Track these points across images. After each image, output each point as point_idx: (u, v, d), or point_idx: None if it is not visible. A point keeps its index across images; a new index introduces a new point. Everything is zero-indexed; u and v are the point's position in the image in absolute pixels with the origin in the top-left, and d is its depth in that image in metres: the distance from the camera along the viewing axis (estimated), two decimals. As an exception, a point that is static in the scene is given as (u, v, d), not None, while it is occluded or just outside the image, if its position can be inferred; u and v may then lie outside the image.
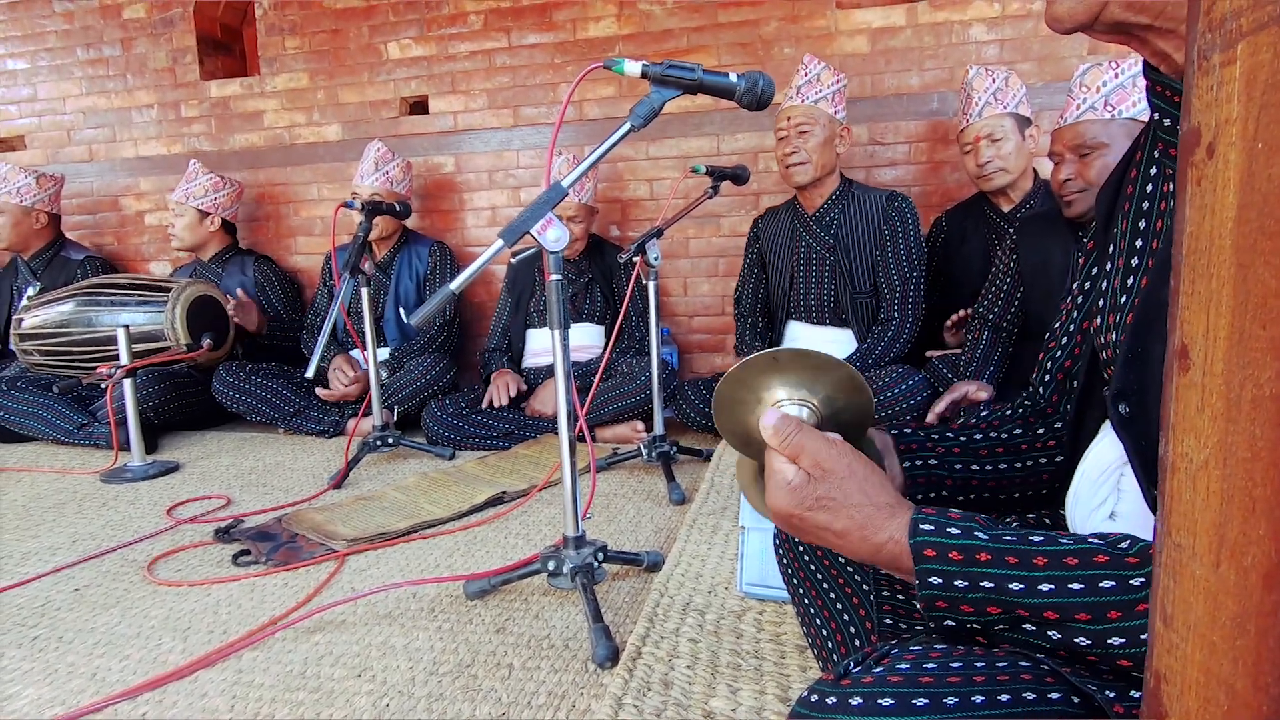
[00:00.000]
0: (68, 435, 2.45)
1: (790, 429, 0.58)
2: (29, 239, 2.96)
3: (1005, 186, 2.06)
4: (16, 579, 1.43)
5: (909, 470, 0.78)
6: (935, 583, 0.52)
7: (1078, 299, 0.82)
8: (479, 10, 2.83)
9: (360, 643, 1.15)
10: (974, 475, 0.80)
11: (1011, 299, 1.91)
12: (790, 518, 0.58)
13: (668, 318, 2.84)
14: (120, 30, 3.21)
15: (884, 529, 0.55)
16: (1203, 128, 0.28)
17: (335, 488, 1.94)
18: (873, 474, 0.58)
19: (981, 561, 0.52)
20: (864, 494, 0.56)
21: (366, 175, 2.62)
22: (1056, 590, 0.49)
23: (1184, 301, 0.29)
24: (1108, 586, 0.48)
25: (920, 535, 0.53)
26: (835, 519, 0.56)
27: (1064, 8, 0.58)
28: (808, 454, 0.57)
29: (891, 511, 0.56)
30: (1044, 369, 0.85)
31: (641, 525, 1.63)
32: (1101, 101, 1.53)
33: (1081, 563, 0.50)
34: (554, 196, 1.14)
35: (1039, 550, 0.51)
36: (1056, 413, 0.83)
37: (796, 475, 0.57)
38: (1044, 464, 0.82)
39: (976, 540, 0.53)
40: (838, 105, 2.14)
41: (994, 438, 0.82)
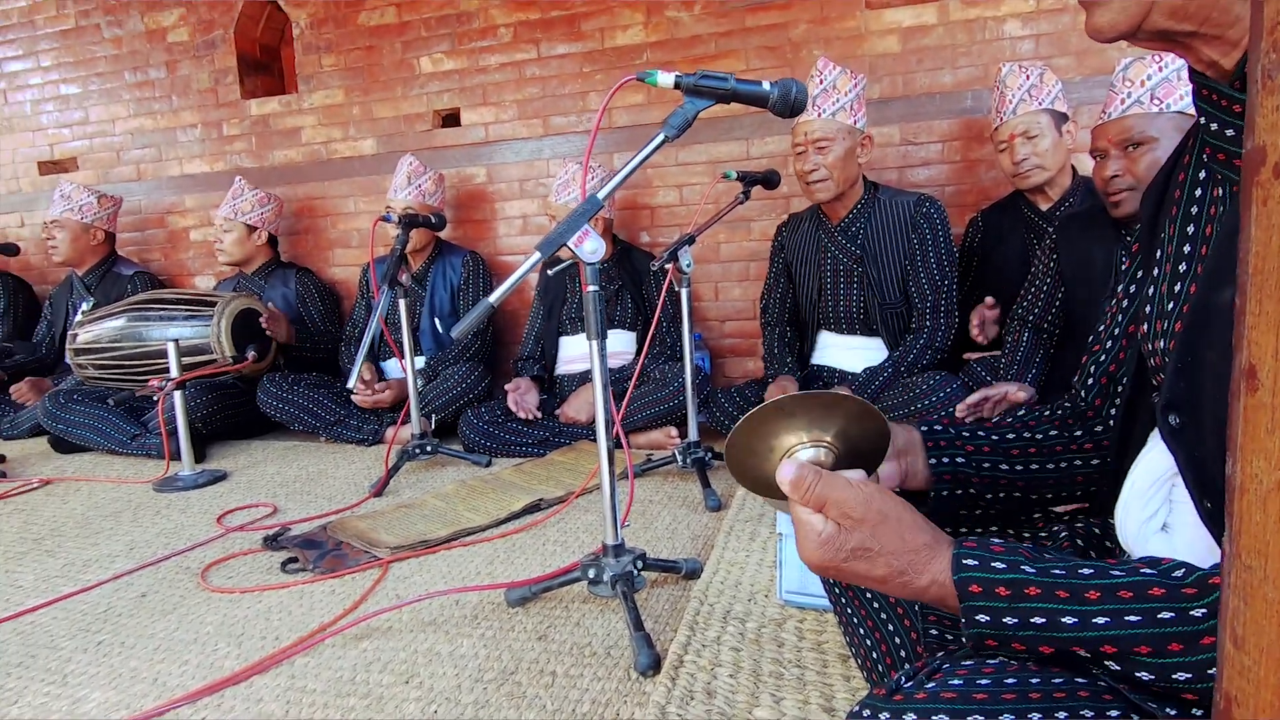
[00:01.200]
0: (121, 446, 2.54)
1: (809, 480, 0.56)
2: (85, 255, 3.09)
3: (1043, 184, 2.02)
4: (80, 585, 1.50)
5: (935, 467, 0.77)
6: (983, 620, 0.51)
7: (1122, 302, 0.80)
8: (509, 23, 2.87)
9: (407, 649, 1.18)
10: (1003, 475, 0.79)
11: (1052, 299, 1.88)
12: (826, 569, 0.57)
13: (699, 322, 2.84)
14: (165, 53, 3.33)
15: (925, 571, 0.54)
16: (1269, 147, 0.28)
17: (376, 495, 1.98)
18: (905, 513, 0.56)
19: (1031, 596, 0.50)
20: (899, 538, 0.55)
21: (400, 190, 2.67)
22: (1113, 623, 0.48)
23: (1250, 321, 0.29)
24: (1167, 618, 0.47)
25: (964, 571, 0.52)
26: (873, 567, 0.55)
27: (1105, 18, 0.58)
28: (833, 505, 0.56)
29: (931, 551, 0.55)
30: (1087, 372, 0.83)
31: (678, 532, 1.64)
32: (1148, 95, 1.50)
33: (1137, 595, 0.48)
34: (590, 209, 1.15)
35: (1091, 584, 0.50)
36: (1098, 417, 0.82)
37: (826, 526, 0.56)
38: (1079, 466, 0.80)
39: (1024, 574, 0.51)
40: (857, 113, 2.09)
41: (1026, 438, 0.81)
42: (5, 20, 3.55)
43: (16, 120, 3.62)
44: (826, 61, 2.10)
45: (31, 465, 2.52)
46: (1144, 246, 0.75)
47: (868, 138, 2.13)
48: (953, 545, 0.55)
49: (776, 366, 2.28)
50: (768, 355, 2.37)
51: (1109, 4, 0.57)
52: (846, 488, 0.56)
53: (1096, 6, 0.58)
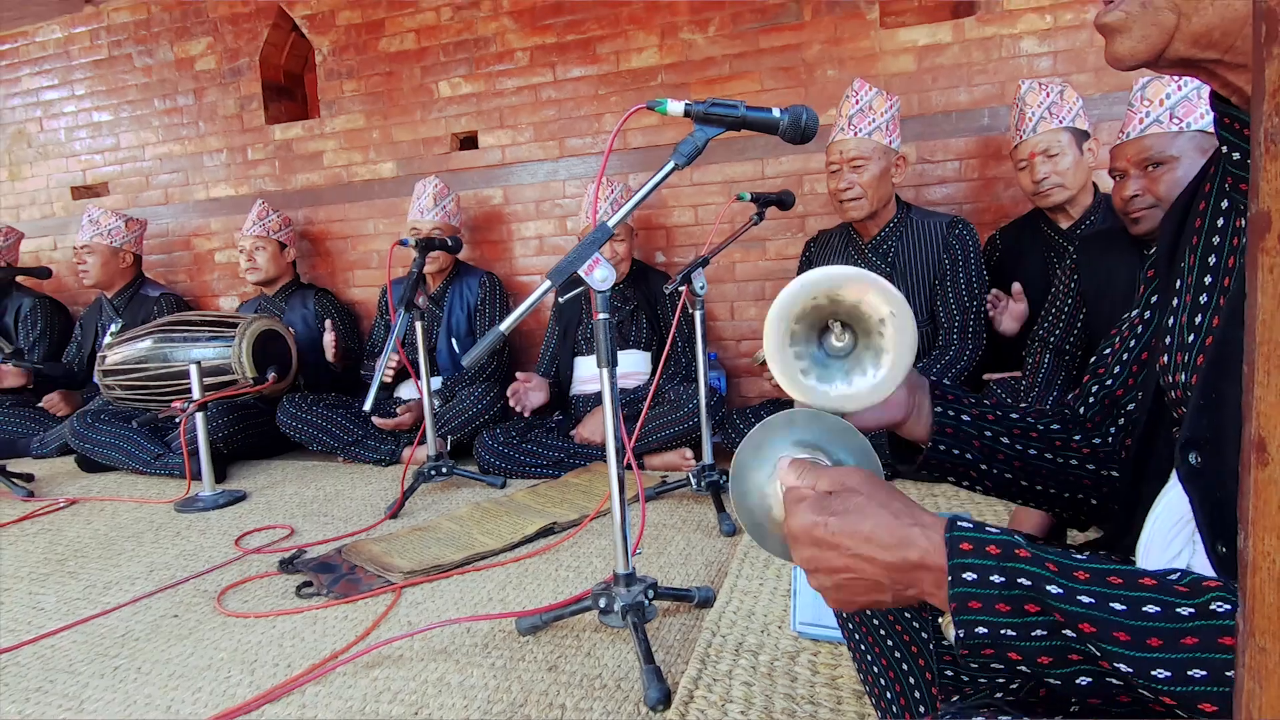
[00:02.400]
0: (145, 465, 2.59)
1: (806, 465, 0.58)
2: (115, 278, 3.16)
3: (1064, 203, 1.99)
4: (100, 608, 1.52)
5: (939, 416, 0.75)
6: (969, 579, 0.49)
7: (1136, 327, 0.78)
8: (525, 47, 2.91)
9: (417, 679, 1.17)
10: (1002, 448, 0.76)
11: (1074, 320, 1.84)
12: (812, 529, 0.54)
13: (714, 342, 2.83)
14: (193, 81, 3.43)
15: (915, 528, 0.52)
16: (1274, 213, 0.27)
17: (392, 517, 1.99)
18: (900, 494, 0.56)
19: (1020, 558, 0.49)
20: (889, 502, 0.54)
21: (426, 211, 2.71)
22: (1096, 605, 0.46)
23: (1259, 393, 0.28)
24: (1151, 611, 0.45)
25: (957, 530, 0.51)
26: (861, 521, 0.53)
27: (1124, 47, 0.56)
28: (826, 477, 0.56)
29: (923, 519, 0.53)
30: (1087, 391, 0.81)
31: (691, 558, 1.62)
32: (1166, 114, 1.47)
33: (1126, 583, 0.47)
34: (600, 237, 1.16)
35: (1081, 565, 0.48)
36: (1096, 430, 0.80)
37: (816, 493, 0.56)
38: (1074, 466, 0.78)
39: (1016, 540, 0.50)
40: (892, 134, 2.09)
41: (1029, 422, 0.79)
42: (42, 51, 3.68)
43: (51, 147, 3.74)
44: (862, 83, 2.12)
45: (59, 484, 2.57)
46: (1161, 274, 0.74)
47: (901, 158, 2.13)
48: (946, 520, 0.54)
49: None
50: None
51: (1129, 32, 0.56)
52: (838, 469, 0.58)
53: (1116, 34, 0.57)
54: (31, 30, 3.67)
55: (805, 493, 0.56)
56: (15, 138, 3.81)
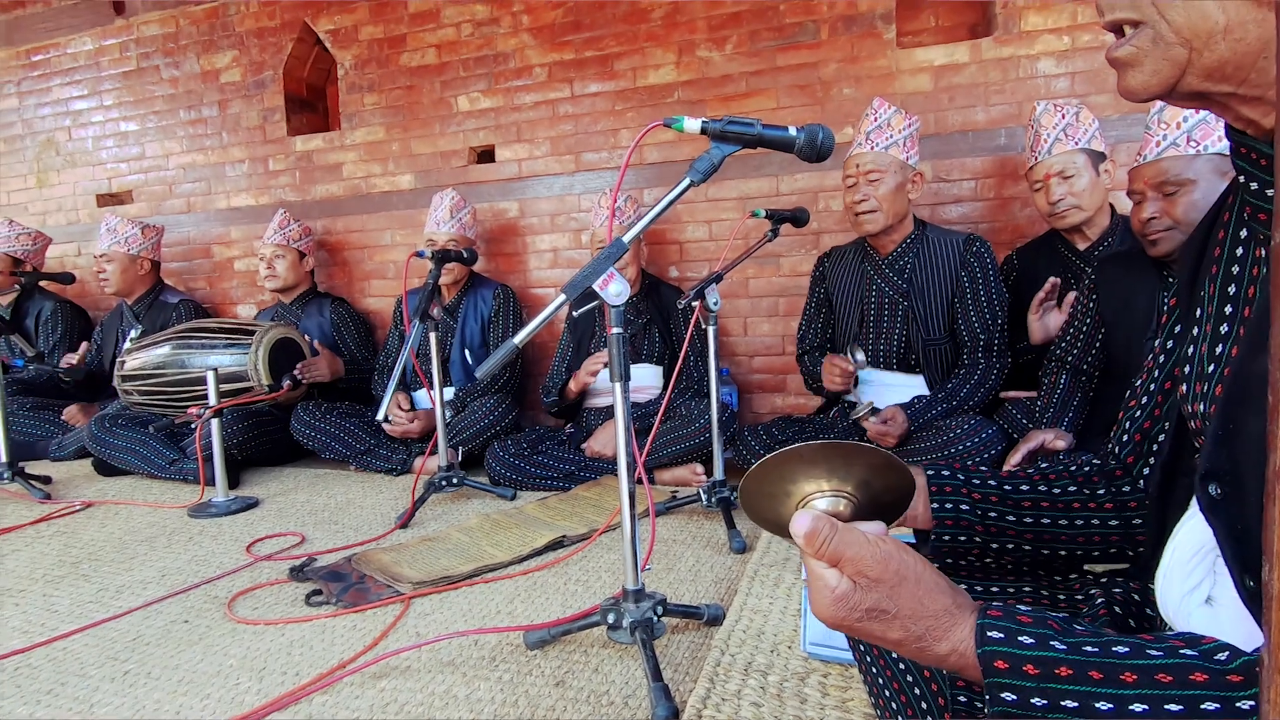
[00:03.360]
0: (160, 470, 2.61)
1: (824, 533, 0.53)
2: (134, 285, 3.21)
3: (1080, 224, 1.98)
4: (113, 611, 1.53)
5: (937, 512, 0.75)
6: (1009, 699, 0.48)
7: (1159, 356, 0.77)
8: (544, 63, 2.95)
9: (424, 690, 1.17)
10: (1010, 526, 0.76)
11: (1091, 341, 1.82)
12: (839, 627, 0.54)
13: (727, 357, 2.83)
14: (218, 93, 3.49)
15: (945, 639, 0.51)
16: (1297, 244, 0.27)
17: (402, 527, 1.99)
18: (925, 573, 0.53)
19: (1061, 677, 0.47)
20: (917, 601, 0.52)
21: (443, 223, 2.74)
22: (1152, 711, 0.44)
23: (1283, 425, 0.28)
24: (1211, 710, 0.43)
25: (989, 645, 0.49)
26: (889, 630, 0.52)
27: (1137, 80, 0.56)
28: (848, 562, 0.53)
29: (951, 618, 0.52)
30: (1123, 428, 0.81)
31: (701, 574, 1.61)
32: (1184, 137, 1.47)
33: (1177, 681, 0.45)
34: (615, 252, 1.16)
35: (1126, 665, 0.47)
36: (1127, 475, 0.79)
37: (841, 583, 0.53)
38: (1095, 525, 0.77)
39: (1054, 652, 0.48)
40: (909, 150, 2.10)
41: (1041, 491, 0.78)
42: (73, 62, 3.77)
43: (79, 155, 3.82)
44: (882, 101, 2.13)
45: (76, 487, 2.60)
46: (1182, 302, 0.73)
47: (918, 174, 2.13)
48: (976, 612, 0.52)
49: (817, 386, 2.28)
50: (810, 376, 2.34)
51: (1140, 66, 0.56)
52: (863, 544, 0.53)
53: (1128, 69, 0.57)
54: (64, 42, 3.77)
55: (830, 580, 0.53)
56: (44, 146, 3.89)
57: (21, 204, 3.96)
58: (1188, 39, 0.53)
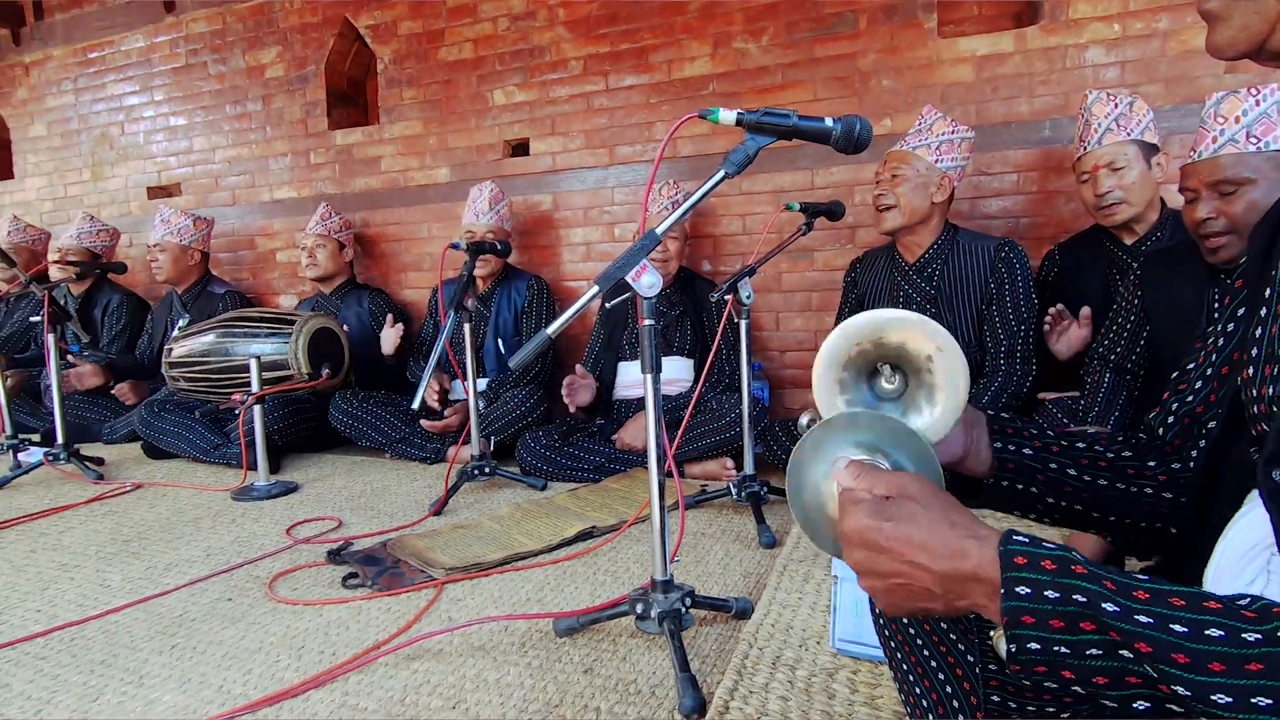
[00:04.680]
0: (205, 454, 2.70)
1: (864, 468, 0.57)
2: (184, 274, 3.32)
3: (1128, 220, 1.91)
4: (161, 588, 1.59)
5: (999, 452, 0.72)
6: (1023, 593, 0.47)
7: (1217, 341, 0.75)
8: (579, 56, 2.96)
9: (455, 673, 1.19)
10: (1069, 480, 0.74)
11: (1136, 339, 1.77)
12: (866, 532, 0.53)
13: (759, 352, 2.81)
14: (263, 88, 3.58)
15: (970, 539, 0.51)
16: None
17: (435, 514, 2.03)
18: (958, 505, 0.54)
19: (1076, 574, 0.47)
20: (947, 512, 0.52)
21: (482, 215, 2.78)
22: (1155, 625, 0.44)
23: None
24: (1214, 635, 0.42)
25: (1014, 544, 0.49)
26: (915, 527, 0.52)
27: (1224, 36, 0.55)
28: (883, 482, 0.55)
29: (979, 531, 0.51)
30: (1168, 409, 0.78)
31: (730, 568, 1.61)
32: (1243, 133, 1.40)
33: (1189, 605, 0.44)
34: (648, 244, 1.16)
35: (1141, 585, 0.46)
36: (1176, 455, 0.76)
37: (872, 497, 0.55)
38: (1148, 495, 0.74)
39: (1072, 556, 0.48)
40: (942, 154, 2.08)
41: (1098, 451, 0.76)
42: (126, 59, 3.90)
43: (131, 149, 3.95)
44: (931, 108, 2.15)
45: (127, 469, 2.71)
46: (1250, 283, 0.70)
47: (946, 178, 2.09)
48: (1000, 536, 0.52)
49: None
50: None
51: (1229, 20, 0.55)
52: (897, 474, 0.56)
53: (1217, 21, 0.56)
54: (117, 39, 3.90)
55: (861, 495, 0.55)
56: (99, 140, 4.04)
57: (78, 196, 4.12)
58: None
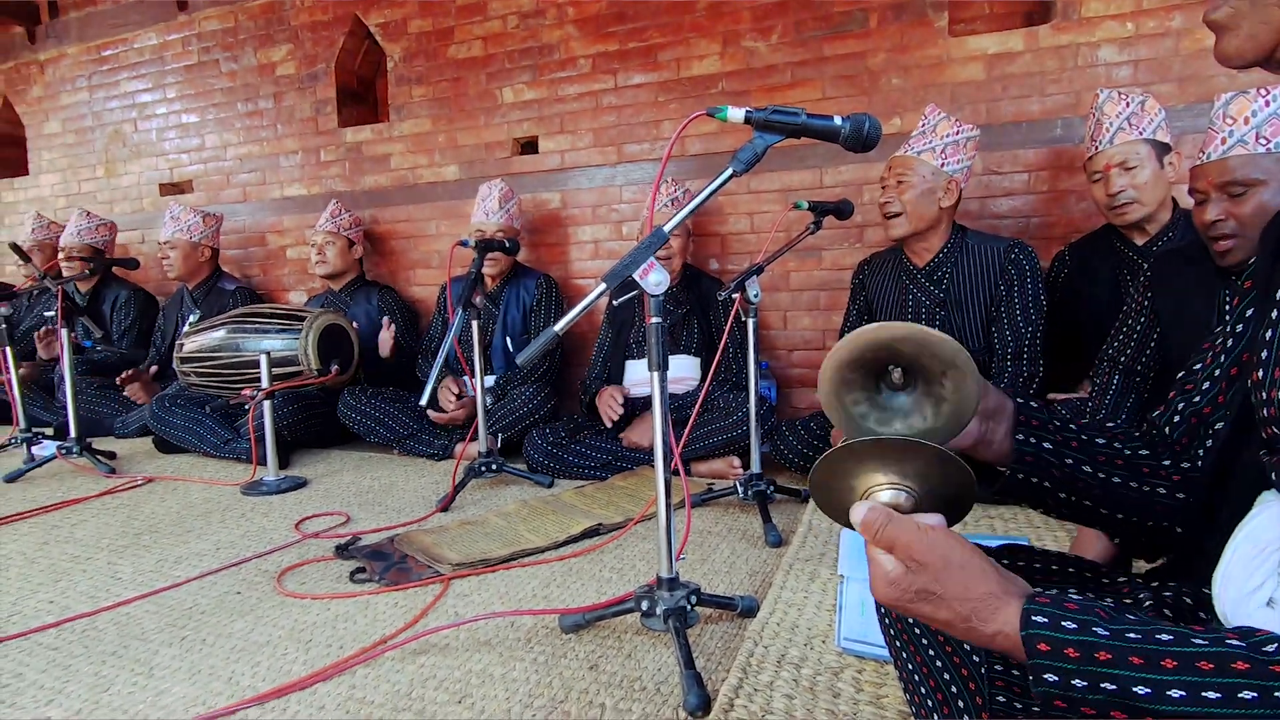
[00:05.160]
0: (215, 449, 2.73)
1: (879, 522, 0.57)
2: (195, 271, 3.35)
3: (1140, 220, 1.90)
4: (171, 581, 1.61)
5: (1019, 445, 0.73)
6: (1051, 680, 0.49)
7: (1226, 341, 0.75)
8: (588, 54, 2.96)
9: (462, 668, 1.20)
10: (1083, 477, 0.74)
11: (1146, 340, 1.75)
12: (894, 606, 0.57)
13: (767, 351, 2.81)
14: (274, 86, 3.60)
15: (992, 620, 0.53)
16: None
17: (443, 510, 2.04)
18: (972, 560, 0.55)
19: (1101, 661, 0.48)
20: (964, 585, 0.54)
21: (492, 213, 2.79)
22: (1188, 699, 0.44)
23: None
24: (1249, 699, 0.43)
25: (1033, 628, 0.50)
26: (937, 611, 0.54)
27: (1232, 46, 0.55)
28: (901, 547, 0.56)
29: (998, 601, 0.53)
30: (1173, 409, 0.78)
31: (736, 567, 1.61)
32: (1252, 134, 1.39)
33: (1217, 668, 0.45)
34: (655, 242, 1.17)
35: (1167, 651, 0.47)
36: (1185, 454, 0.76)
37: (895, 567, 0.56)
38: (1160, 495, 0.74)
39: (1095, 637, 0.49)
40: (947, 157, 2.06)
41: (1116, 448, 0.76)
42: (139, 57, 3.93)
43: (144, 146, 3.99)
44: (934, 108, 2.12)
45: (138, 463, 2.73)
46: (1260, 284, 0.70)
47: (953, 181, 2.08)
48: (1023, 598, 0.53)
49: None
50: None
51: (1237, 29, 0.55)
52: (914, 532, 0.56)
53: (1224, 31, 0.56)
54: (131, 37, 3.93)
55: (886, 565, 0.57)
56: (112, 137, 4.07)
57: (91, 193, 4.16)
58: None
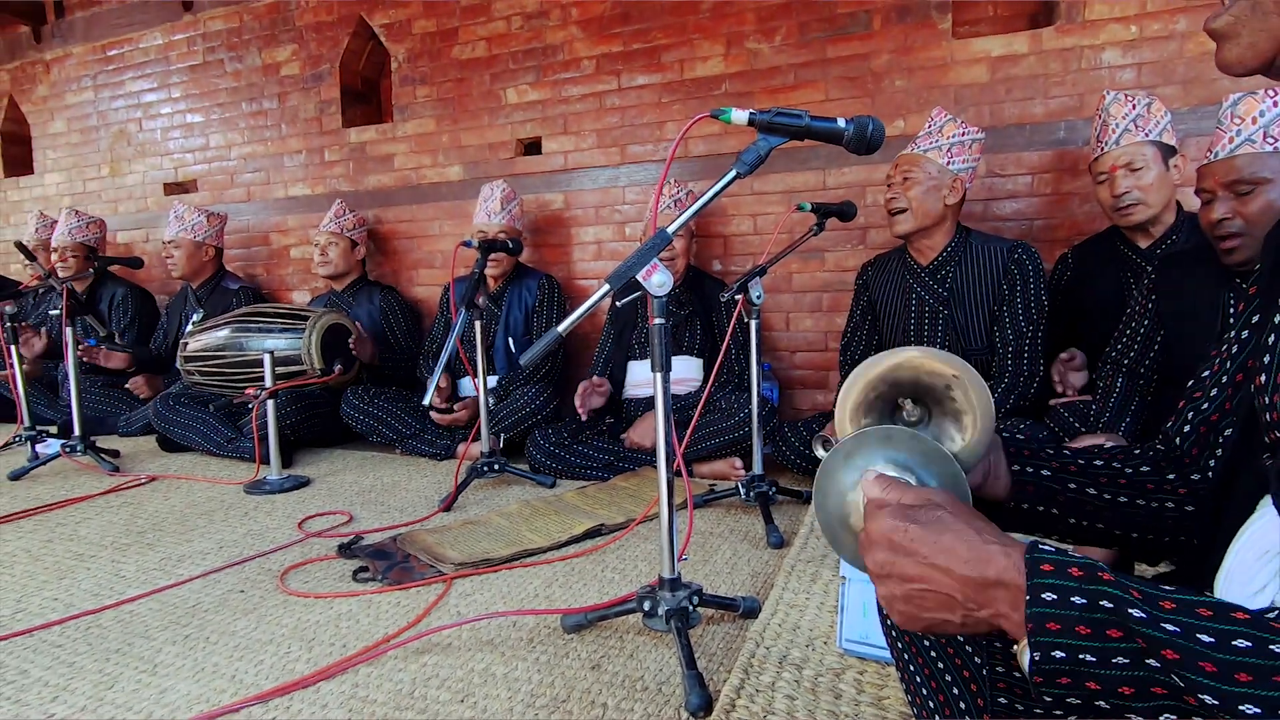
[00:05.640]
0: (218, 447, 2.73)
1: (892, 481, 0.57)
2: (199, 270, 3.36)
3: (1145, 222, 1.90)
4: (175, 579, 1.61)
5: (1017, 475, 0.72)
6: (1048, 599, 0.47)
7: (1232, 348, 0.75)
8: (592, 55, 2.96)
9: (464, 668, 1.20)
10: (1089, 500, 0.73)
11: (1150, 343, 1.75)
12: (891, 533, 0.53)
13: (769, 352, 2.81)
14: (278, 86, 3.61)
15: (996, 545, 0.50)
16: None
17: (445, 510, 2.05)
18: (983, 517, 0.54)
19: (1103, 580, 0.47)
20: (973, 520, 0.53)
21: (494, 214, 2.79)
22: (1182, 634, 0.44)
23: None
24: (1242, 646, 0.42)
25: (1040, 552, 0.49)
26: (942, 532, 0.51)
27: (1233, 54, 0.56)
28: (911, 493, 0.56)
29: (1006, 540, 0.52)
30: (1183, 418, 0.78)
31: (738, 568, 1.61)
32: (1260, 133, 1.39)
33: (1216, 615, 0.44)
34: (659, 243, 1.17)
35: (1167, 595, 0.46)
36: (1195, 465, 0.76)
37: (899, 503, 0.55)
38: (1170, 509, 0.74)
39: (1099, 564, 0.48)
40: (953, 156, 2.07)
41: (1116, 468, 0.76)
42: (144, 56, 3.95)
43: (149, 145, 4.00)
44: (941, 110, 2.14)
45: (141, 462, 2.74)
46: (1264, 290, 0.70)
47: (958, 180, 2.08)
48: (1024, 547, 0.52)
49: None
50: None
51: (1237, 38, 0.55)
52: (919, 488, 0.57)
53: (1225, 39, 0.56)
54: (136, 37, 3.94)
55: (889, 500, 0.56)
56: (117, 137, 4.09)
57: (96, 192, 4.18)
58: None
